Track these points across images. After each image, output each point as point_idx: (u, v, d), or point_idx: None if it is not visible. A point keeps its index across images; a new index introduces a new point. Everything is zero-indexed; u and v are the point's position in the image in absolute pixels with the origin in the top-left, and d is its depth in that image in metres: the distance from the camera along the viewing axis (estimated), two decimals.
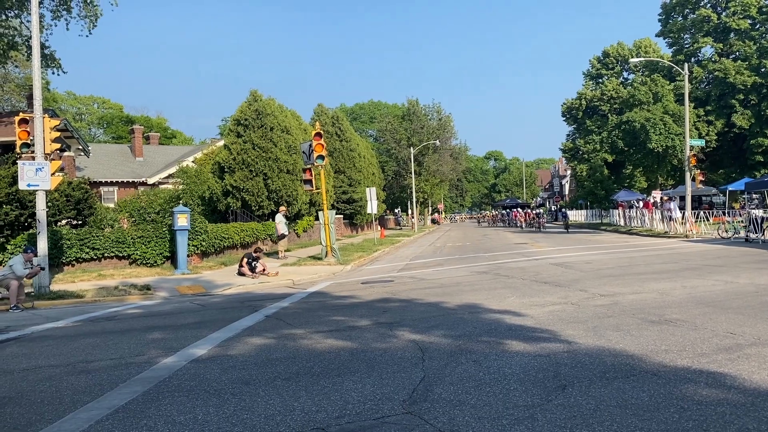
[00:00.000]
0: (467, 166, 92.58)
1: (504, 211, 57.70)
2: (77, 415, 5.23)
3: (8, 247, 18.04)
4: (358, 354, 7.17)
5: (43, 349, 8.54)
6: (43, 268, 14.70)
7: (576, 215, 64.01)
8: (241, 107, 29.82)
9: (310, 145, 21.48)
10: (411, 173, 55.59)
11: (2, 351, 8.52)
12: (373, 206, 34.48)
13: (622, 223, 42.55)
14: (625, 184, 59.27)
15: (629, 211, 41.96)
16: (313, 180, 22.18)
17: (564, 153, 69.08)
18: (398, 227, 66.02)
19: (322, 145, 21.19)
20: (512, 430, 4.51)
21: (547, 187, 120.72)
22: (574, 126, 65.78)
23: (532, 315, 9.28)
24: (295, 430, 4.69)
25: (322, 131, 21.89)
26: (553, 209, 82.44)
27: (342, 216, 43.11)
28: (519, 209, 60.86)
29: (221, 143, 36.63)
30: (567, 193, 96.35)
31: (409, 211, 65.61)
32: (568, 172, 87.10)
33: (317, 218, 29.21)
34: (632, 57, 58.38)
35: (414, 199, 57.03)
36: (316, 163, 21.24)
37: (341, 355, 7.18)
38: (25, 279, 14.26)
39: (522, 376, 5.92)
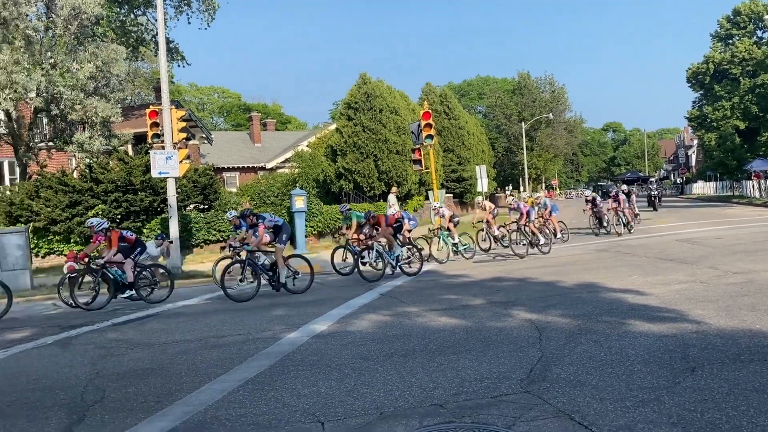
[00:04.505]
0: (583, 139, 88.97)
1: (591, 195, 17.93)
2: (212, 386, 5.63)
3: (144, 230, 19.58)
4: (473, 332, 7.17)
5: (179, 324, 9.24)
6: (171, 241, 15.84)
7: (704, 188, 59.84)
8: (351, 91, 30.33)
9: (419, 125, 21.49)
10: (522, 149, 54.25)
11: (143, 326, 9.31)
12: (483, 184, 34.04)
13: (756, 195, 39.26)
14: (761, 153, 54.48)
15: (765, 182, 38.60)
16: (423, 160, 22.21)
17: (690, 122, 64.54)
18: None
19: (431, 125, 21.13)
20: (637, 412, 4.35)
21: (671, 158, 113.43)
22: (701, 92, 61.16)
23: (657, 294, 8.84)
24: (413, 405, 4.78)
25: (430, 110, 21.83)
26: (678, 182, 77.60)
27: (451, 195, 42.88)
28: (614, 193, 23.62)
29: (333, 127, 37.49)
30: (693, 164, 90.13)
31: (521, 188, 64.17)
32: (695, 141, 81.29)
33: (427, 198, 29.26)
34: None
35: (526, 176, 55.66)
36: (425, 143, 21.23)
37: (456, 333, 7.21)
38: (161, 259, 15.49)
39: (646, 357, 5.68)
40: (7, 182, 25.37)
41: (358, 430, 4.33)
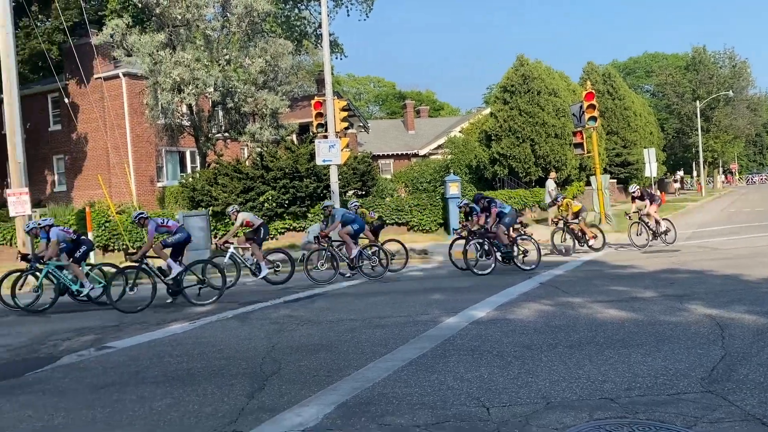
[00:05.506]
0: None
1: None
2: (377, 365, 5.84)
3: (309, 215, 20.69)
4: (645, 326, 6.75)
5: (343, 304, 9.68)
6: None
7: None
8: (507, 73, 29.66)
9: (581, 107, 20.57)
10: (697, 130, 49.79)
11: (312, 304, 9.87)
12: (651, 169, 31.87)
13: None
14: None
15: None
16: (584, 143, 21.22)
17: None
18: (681, 191, 59.95)
19: (594, 106, 20.13)
20: None
21: None
22: None
23: None
24: (581, 397, 4.62)
25: (592, 91, 20.81)
26: None
27: (615, 180, 40.60)
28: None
29: (486, 112, 37.01)
30: None
31: (695, 173, 59.14)
32: None
33: (588, 183, 27.94)
34: None
35: (701, 160, 51.13)
36: (587, 125, 20.29)
37: (625, 326, 6.84)
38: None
39: None
40: (189, 170, 28.05)
41: (526, 418, 4.26)
